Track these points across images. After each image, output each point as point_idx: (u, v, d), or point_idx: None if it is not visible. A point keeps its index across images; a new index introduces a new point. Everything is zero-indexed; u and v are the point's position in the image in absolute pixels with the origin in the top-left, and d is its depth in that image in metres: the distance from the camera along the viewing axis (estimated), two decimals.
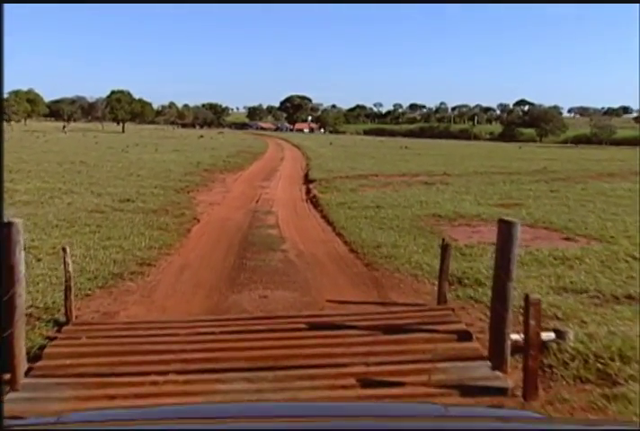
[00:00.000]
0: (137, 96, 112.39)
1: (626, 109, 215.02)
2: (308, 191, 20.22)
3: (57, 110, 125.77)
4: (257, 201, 17.42)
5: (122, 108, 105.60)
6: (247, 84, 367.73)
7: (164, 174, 22.59)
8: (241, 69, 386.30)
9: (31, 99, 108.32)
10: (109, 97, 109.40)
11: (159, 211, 13.88)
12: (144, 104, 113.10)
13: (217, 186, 21.11)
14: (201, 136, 76.89)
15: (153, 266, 7.89)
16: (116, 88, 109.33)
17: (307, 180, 23.61)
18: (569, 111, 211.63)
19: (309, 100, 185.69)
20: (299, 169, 30.86)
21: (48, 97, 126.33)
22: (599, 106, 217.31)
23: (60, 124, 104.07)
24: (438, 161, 36.85)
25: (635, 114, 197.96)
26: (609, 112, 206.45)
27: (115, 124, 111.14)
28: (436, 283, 7.29)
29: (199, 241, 10.37)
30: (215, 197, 17.87)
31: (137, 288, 6.75)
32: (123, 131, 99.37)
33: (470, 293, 6.73)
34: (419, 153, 48.65)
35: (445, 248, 5.97)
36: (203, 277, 7.42)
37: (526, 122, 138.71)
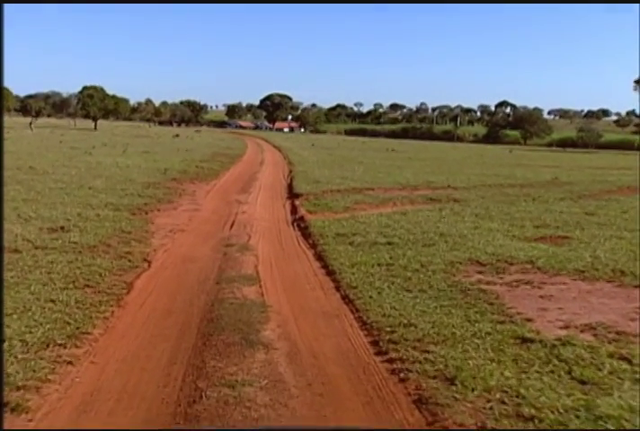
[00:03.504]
0: (113, 92, 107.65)
1: (605, 112, 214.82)
2: (294, 210, 16.81)
3: (25, 106, 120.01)
4: (232, 226, 13.95)
5: (95, 104, 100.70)
6: (227, 82, 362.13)
7: (122, 186, 18.95)
8: (221, 67, 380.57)
9: None
10: (81, 93, 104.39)
11: (98, 247, 10.30)
12: (118, 100, 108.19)
13: (184, 201, 17.54)
14: (177, 136, 72.93)
15: (25, 412, 4.25)
16: (95, 84, 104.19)
17: (292, 194, 20.18)
18: (549, 113, 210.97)
19: (290, 98, 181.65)
20: (282, 177, 27.39)
21: (25, 92, 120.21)
22: (578, 108, 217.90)
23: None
24: (433, 168, 33.66)
25: (614, 117, 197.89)
26: (589, 115, 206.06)
27: (89, 120, 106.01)
28: None
29: (137, 314, 6.79)
30: (179, 219, 14.37)
31: None
32: (95, 128, 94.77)
33: None
34: (409, 157, 45.55)
35: None
36: None
37: (510, 124, 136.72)
